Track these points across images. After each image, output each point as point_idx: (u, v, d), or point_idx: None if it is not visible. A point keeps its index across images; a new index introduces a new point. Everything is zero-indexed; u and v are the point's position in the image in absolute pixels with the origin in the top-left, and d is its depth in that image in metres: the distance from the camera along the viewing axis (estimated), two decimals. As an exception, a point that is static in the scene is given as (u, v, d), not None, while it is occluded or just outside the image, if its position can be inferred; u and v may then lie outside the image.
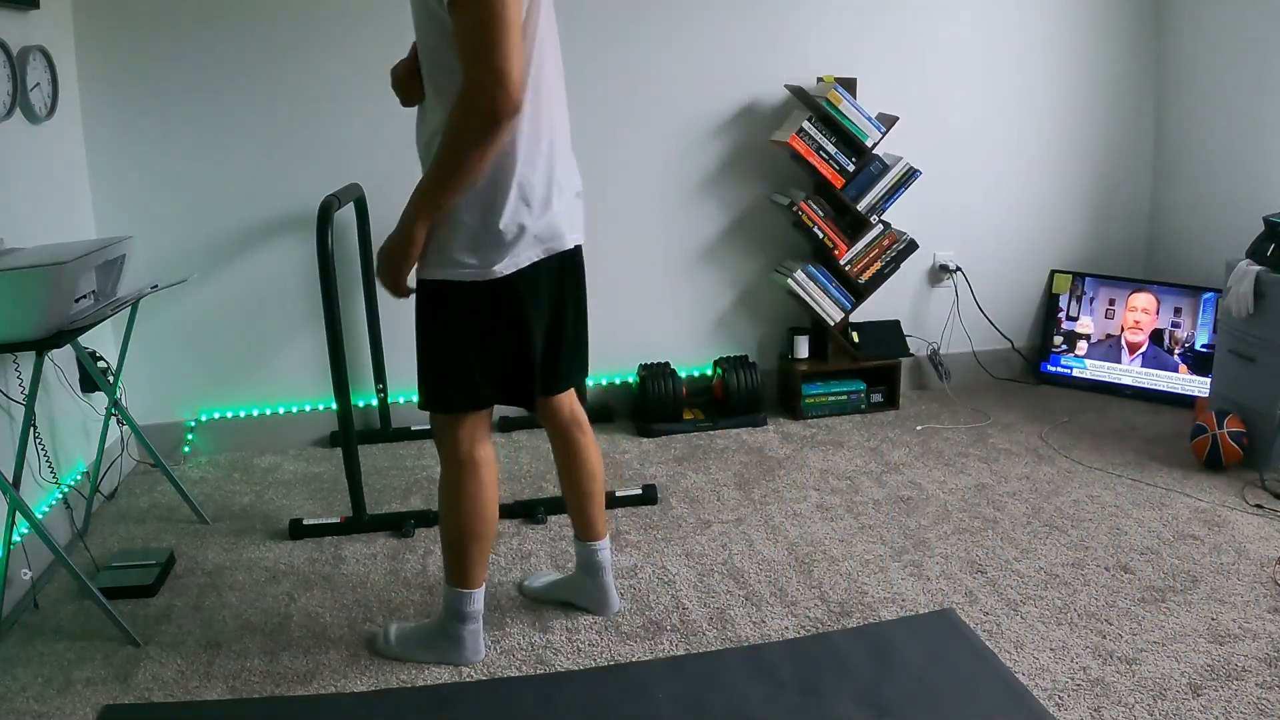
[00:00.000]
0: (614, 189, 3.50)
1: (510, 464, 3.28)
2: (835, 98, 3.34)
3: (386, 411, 3.52)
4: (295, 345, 3.46)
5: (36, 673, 2.14)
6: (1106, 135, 3.88)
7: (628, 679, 2.07)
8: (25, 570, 2.43)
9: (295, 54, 3.26)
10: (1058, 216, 3.91)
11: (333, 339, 2.65)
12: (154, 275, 3.01)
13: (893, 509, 2.84)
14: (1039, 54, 3.75)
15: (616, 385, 3.69)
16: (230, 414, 3.47)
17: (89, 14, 3.10)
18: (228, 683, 2.10)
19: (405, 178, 3.36)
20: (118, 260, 2.51)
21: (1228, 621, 2.19)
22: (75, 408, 2.95)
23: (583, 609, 2.33)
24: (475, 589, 2.08)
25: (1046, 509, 2.80)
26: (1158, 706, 1.90)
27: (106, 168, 3.20)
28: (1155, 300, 3.67)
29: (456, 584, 2.08)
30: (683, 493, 2.99)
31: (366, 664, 2.16)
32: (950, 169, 3.74)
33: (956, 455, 3.22)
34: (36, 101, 2.76)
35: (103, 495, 3.03)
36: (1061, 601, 2.30)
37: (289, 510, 2.97)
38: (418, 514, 2.83)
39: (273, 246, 3.37)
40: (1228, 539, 2.57)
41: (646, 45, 3.43)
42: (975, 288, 3.87)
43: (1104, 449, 3.22)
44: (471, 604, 2.09)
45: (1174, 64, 3.78)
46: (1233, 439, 2.95)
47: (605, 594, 2.31)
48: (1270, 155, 3.36)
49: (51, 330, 2.17)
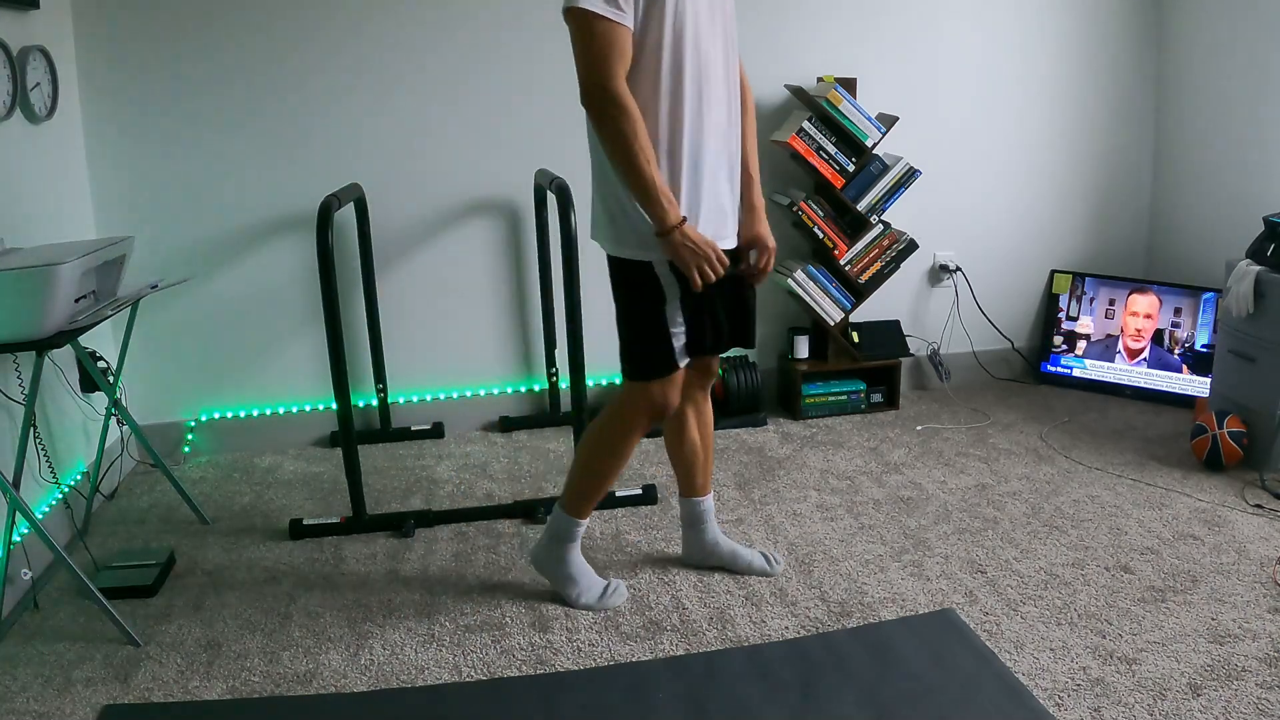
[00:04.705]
0: (614, 189, 3.50)
1: (510, 464, 3.28)
2: (835, 98, 3.35)
3: (386, 411, 3.52)
4: (295, 345, 3.46)
5: (36, 673, 2.14)
6: (1107, 135, 3.88)
7: (628, 679, 2.07)
8: (25, 570, 2.43)
9: (295, 54, 3.26)
10: (1058, 216, 3.92)
11: (333, 339, 2.65)
12: (154, 275, 3.01)
13: (893, 509, 2.84)
14: (1039, 54, 3.76)
15: (617, 385, 3.69)
16: (230, 414, 3.47)
17: (89, 14, 3.11)
18: (228, 683, 2.10)
19: (405, 178, 3.41)
20: (118, 260, 2.51)
21: (1228, 621, 2.18)
22: (75, 408, 2.95)
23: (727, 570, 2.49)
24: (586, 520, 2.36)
25: (1046, 509, 2.80)
26: (1158, 706, 1.90)
27: (106, 168, 3.21)
28: (1157, 302, 3.67)
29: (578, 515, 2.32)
30: (683, 493, 2.99)
31: (366, 664, 2.16)
32: (950, 169, 3.74)
33: (956, 455, 3.22)
34: (36, 101, 2.76)
35: (103, 495, 3.03)
36: (1061, 601, 2.30)
37: (289, 510, 2.97)
38: (418, 514, 2.83)
39: (273, 246, 3.37)
40: (1228, 539, 2.57)
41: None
42: (975, 288, 3.87)
43: (1104, 449, 3.22)
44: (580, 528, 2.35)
45: (1174, 64, 3.78)
46: (1233, 439, 2.95)
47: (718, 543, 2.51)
48: (1270, 155, 3.36)
49: (51, 330, 2.17)
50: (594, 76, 1.92)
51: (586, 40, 1.91)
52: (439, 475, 3.20)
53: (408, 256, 3.47)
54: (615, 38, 1.91)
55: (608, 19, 1.89)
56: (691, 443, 2.42)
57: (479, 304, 3.55)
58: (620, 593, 2.38)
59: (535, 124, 3.42)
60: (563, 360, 3.42)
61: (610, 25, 1.90)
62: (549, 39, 3.38)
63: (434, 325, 3.53)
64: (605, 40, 1.90)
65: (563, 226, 2.66)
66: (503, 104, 3.40)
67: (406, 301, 3.50)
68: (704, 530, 2.49)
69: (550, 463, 3.27)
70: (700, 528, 2.49)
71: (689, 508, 2.48)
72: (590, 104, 1.95)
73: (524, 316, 3.59)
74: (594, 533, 2.73)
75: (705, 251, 2.01)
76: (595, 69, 1.91)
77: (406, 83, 3.34)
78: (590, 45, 1.91)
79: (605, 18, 1.89)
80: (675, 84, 1.99)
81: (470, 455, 3.37)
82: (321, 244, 2.58)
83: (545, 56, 3.38)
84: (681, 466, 2.45)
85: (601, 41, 1.90)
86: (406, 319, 3.51)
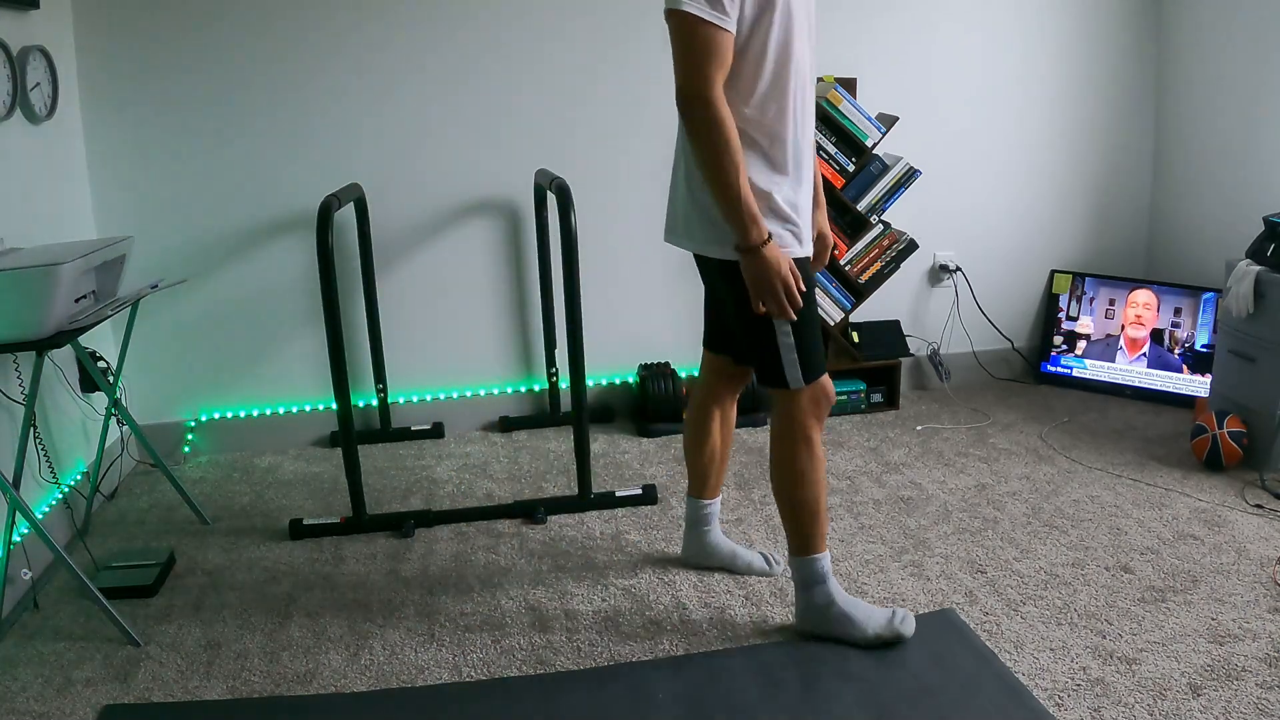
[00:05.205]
0: (615, 188, 3.50)
1: (510, 464, 3.28)
2: (835, 98, 3.35)
3: (386, 411, 3.52)
4: (295, 345, 3.46)
5: (36, 673, 2.14)
6: (1106, 135, 3.88)
7: (628, 679, 2.07)
8: (25, 570, 2.43)
9: (296, 54, 3.26)
10: (1058, 216, 3.92)
11: (333, 339, 2.65)
12: (154, 275, 3.01)
13: (893, 509, 2.84)
14: (1039, 54, 3.75)
15: (616, 385, 3.69)
16: (230, 414, 3.47)
17: (89, 14, 3.11)
18: (228, 683, 2.10)
19: (405, 178, 3.41)
20: (118, 260, 2.51)
21: (1228, 621, 2.18)
22: (75, 408, 2.95)
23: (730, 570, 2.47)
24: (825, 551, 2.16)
25: (1046, 509, 2.80)
26: (1158, 706, 1.90)
27: (106, 168, 3.21)
28: (1155, 298, 3.67)
29: (815, 550, 2.13)
30: (683, 493, 2.98)
31: (366, 664, 2.16)
32: (950, 169, 3.74)
33: (956, 455, 3.22)
34: (36, 101, 2.76)
35: (103, 495, 3.03)
36: (1061, 601, 2.30)
37: (289, 510, 2.97)
38: (418, 514, 2.83)
39: (273, 246, 3.37)
40: (1228, 539, 2.57)
41: (648, 45, 3.43)
42: (975, 288, 3.87)
43: (1104, 449, 3.22)
44: (823, 563, 2.15)
45: (1174, 64, 3.78)
46: (1233, 439, 2.95)
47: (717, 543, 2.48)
48: (1270, 155, 3.36)
49: (51, 330, 2.17)
50: (692, 83, 1.83)
51: (687, 44, 1.83)
52: (439, 475, 3.20)
53: (408, 256, 3.47)
54: (717, 44, 1.83)
55: (712, 24, 1.81)
56: (712, 445, 2.40)
57: (479, 304, 3.55)
58: (910, 620, 2.16)
59: (535, 124, 3.42)
60: (563, 360, 3.42)
61: (713, 30, 1.82)
62: (549, 39, 3.39)
63: (434, 325, 3.53)
64: (707, 46, 1.82)
65: (563, 226, 2.66)
66: (503, 104, 3.40)
67: (406, 301, 3.50)
68: (707, 531, 2.48)
69: (550, 463, 3.27)
70: (704, 529, 2.48)
71: (696, 509, 2.47)
72: (685, 110, 1.86)
73: (524, 316, 3.59)
74: (594, 532, 2.74)
75: (786, 279, 1.92)
76: (694, 75, 1.83)
77: (406, 83, 3.34)
78: (691, 50, 1.83)
79: (709, 22, 1.81)
80: (782, 90, 1.94)
81: (470, 455, 3.37)
82: (321, 244, 2.58)
83: (545, 56, 3.38)
84: (697, 467, 2.43)
85: (702, 47, 1.82)
86: (406, 319, 3.51)
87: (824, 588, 2.14)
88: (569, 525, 2.79)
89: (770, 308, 1.94)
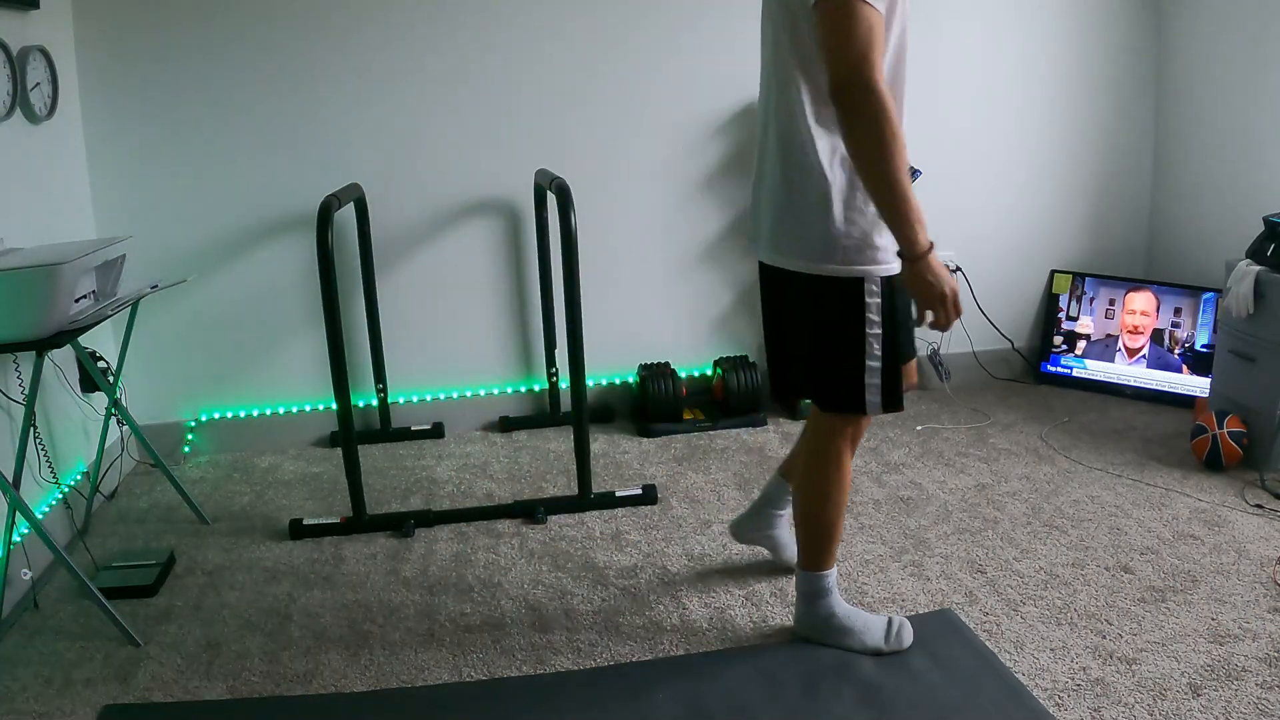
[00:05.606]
0: (615, 188, 3.50)
1: (510, 464, 3.28)
2: (835, 98, 3.34)
3: (386, 411, 3.52)
4: (295, 345, 3.46)
5: (36, 673, 2.14)
6: (1106, 135, 3.88)
7: (628, 679, 2.07)
8: (25, 570, 2.44)
9: (295, 54, 3.26)
10: (1058, 216, 3.91)
11: (333, 339, 2.65)
12: (154, 275, 3.01)
13: (893, 509, 2.84)
14: (1039, 54, 3.75)
15: (616, 385, 3.69)
16: (230, 414, 3.47)
17: (89, 14, 3.11)
18: (228, 683, 2.10)
19: (405, 178, 3.41)
20: (118, 260, 2.52)
21: (1228, 621, 2.18)
22: (75, 408, 2.95)
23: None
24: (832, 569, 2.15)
25: (1046, 509, 2.80)
26: (1158, 706, 1.90)
27: (106, 168, 3.21)
28: (1155, 300, 3.67)
29: (825, 567, 2.11)
30: (683, 493, 2.99)
31: (366, 664, 2.16)
32: (950, 169, 3.74)
33: (956, 455, 3.22)
34: (36, 101, 2.76)
35: (103, 495, 3.03)
36: (1061, 601, 2.30)
37: (289, 510, 2.97)
38: (418, 514, 2.83)
39: (273, 246, 3.37)
40: (1228, 539, 2.57)
41: (648, 46, 3.43)
42: (975, 288, 3.87)
43: (1104, 449, 3.22)
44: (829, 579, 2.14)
45: (1174, 64, 3.78)
46: (1233, 439, 2.95)
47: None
48: (1270, 155, 3.35)
49: (51, 330, 2.17)
50: (858, 69, 1.65)
51: (849, 27, 1.65)
52: (439, 475, 3.20)
53: (408, 256, 3.47)
54: (878, 26, 1.67)
55: (872, 5, 1.66)
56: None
57: (479, 304, 3.55)
58: (906, 629, 2.14)
59: (535, 124, 3.42)
60: (563, 360, 3.42)
61: (873, 12, 1.66)
62: (548, 39, 3.39)
63: (434, 325, 3.53)
64: (870, 28, 1.65)
65: (563, 226, 2.66)
66: (502, 104, 3.40)
67: (406, 301, 3.50)
68: (778, 511, 2.42)
69: (550, 463, 3.27)
70: (778, 507, 2.41)
71: (781, 488, 2.38)
72: (849, 100, 1.68)
73: (524, 316, 3.59)
74: (594, 532, 2.74)
75: (955, 287, 1.78)
76: (860, 60, 1.65)
77: (406, 83, 3.34)
78: (854, 33, 1.65)
79: (868, 3, 1.66)
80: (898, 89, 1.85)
81: (470, 455, 3.37)
82: (321, 244, 2.58)
83: (545, 56, 3.38)
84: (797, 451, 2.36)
85: (865, 29, 1.65)
86: (406, 319, 3.51)
87: (827, 601, 2.14)
88: (569, 525, 2.79)
89: (939, 318, 1.80)
